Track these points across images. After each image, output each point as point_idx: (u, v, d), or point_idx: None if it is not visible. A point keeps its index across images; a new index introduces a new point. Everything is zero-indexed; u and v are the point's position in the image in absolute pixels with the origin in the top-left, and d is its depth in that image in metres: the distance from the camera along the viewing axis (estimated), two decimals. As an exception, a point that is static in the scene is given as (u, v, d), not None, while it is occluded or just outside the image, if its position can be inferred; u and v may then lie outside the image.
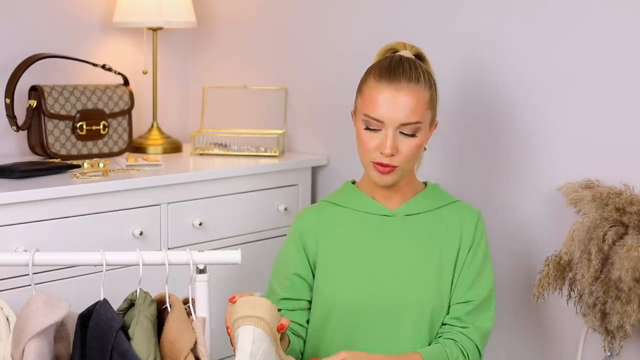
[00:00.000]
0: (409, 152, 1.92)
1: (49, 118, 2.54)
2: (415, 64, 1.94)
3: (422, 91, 1.91)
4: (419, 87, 1.90)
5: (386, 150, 1.89)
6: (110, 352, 1.64)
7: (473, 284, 2.00)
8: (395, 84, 1.89)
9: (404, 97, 1.89)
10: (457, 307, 1.99)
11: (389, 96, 1.89)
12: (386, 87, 1.89)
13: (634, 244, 1.98)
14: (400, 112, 1.88)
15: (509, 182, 2.41)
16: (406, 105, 1.89)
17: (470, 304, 1.99)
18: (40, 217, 2.14)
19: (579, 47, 2.27)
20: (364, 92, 1.94)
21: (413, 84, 1.90)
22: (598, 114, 2.25)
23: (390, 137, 1.89)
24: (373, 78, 1.93)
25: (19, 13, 2.62)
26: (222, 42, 3.02)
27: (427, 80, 1.93)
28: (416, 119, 1.90)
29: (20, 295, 1.89)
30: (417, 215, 2.02)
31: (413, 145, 1.92)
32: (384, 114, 1.89)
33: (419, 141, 1.93)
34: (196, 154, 2.77)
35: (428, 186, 2.08)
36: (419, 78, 1.91)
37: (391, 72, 1.91)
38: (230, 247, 2.49)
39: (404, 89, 1.89)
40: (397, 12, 2.59)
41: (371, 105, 1.91)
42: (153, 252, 1.78)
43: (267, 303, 1.72)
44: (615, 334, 2.10)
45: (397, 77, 1.90)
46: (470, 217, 2.03)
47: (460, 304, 1.99)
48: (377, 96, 1.90)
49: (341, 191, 2.10)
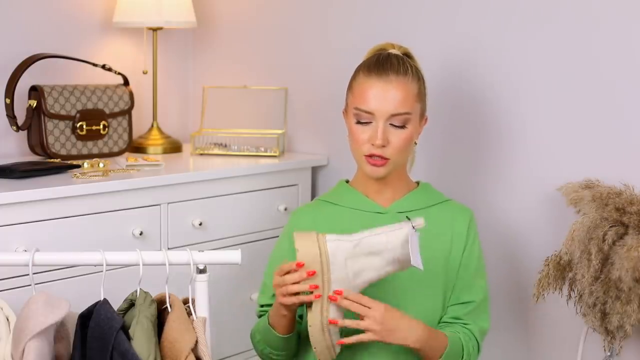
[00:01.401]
0: (399, 143, 1.95)
1: (49, 118, 2.54)
2: (402, 59, 1.99)
3: (410, 84, 1.96)
4: (407, 79, 1.96)
5: (377, 141, 1.93)
6: (110, 352, 1.64)
7: (471, 285, 2.00)
8: (384, 77, 1.95)
9: (393, 90, 1.94)
10: (456, 308, 2.00)
11: (378, 89, 1.94)
12: (375, 81, 1.95)
13: (634, 244, 1.99)
14: (390, 104, 1.93)
15: (509, 182, 2.41)
16: (395, 96, 1.94)
17: (469, 305, 2.00)
18: (40, 217, 2.14)
19: (579, 47, 2.27)
20: (354, 88, 1.99)
21: (401, 76, 1.95)
22: (598, 113, 2.25)
23: (380, 128, 1.93)
24: (362, 73, 1.98)
25: (19, 13, 2.62)
26: (222, 42, 3.02)
27: (415, 74, 1.98)
28: (405, 109, 1.95)
29: (20, 295, 1.89)
30: (409, 212, 2.02)
31: (403, 136, 1.95)
32: (374, 105, 1.94)
33: (409, 133, 1.96)
34: (196, 154, 2.77)
35: (420, 185, 2.10)
36: (407, 71, 1.96)
37: (379, 67, 1.96)
38: (230, 247, 2.49)
39: (393, 81, 1.94)
40: (398, 12, 2.59)
41: (361, 98, 1.96)
42: (153, 252, 1.79)
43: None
44: (615, 334, 2.10)
45: (385, 70, 1.95)
46: (462, 217, 2.04)
47: (460, 305, 2.00)
48: (367, 90, 1.95)
49: (335, 190, 2.12)
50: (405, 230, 1.80)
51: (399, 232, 1.81)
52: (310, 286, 1.81)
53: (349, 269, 1.82)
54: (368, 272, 1.82)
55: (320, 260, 1.81)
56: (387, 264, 1.82)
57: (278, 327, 1.94)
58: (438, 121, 2.44)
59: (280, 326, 1.94)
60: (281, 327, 1.94)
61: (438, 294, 1.99)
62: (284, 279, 1.83)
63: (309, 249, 1.81)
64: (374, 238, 1.82)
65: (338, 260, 1.81)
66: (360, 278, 1.83)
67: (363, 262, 1.82)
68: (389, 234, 1.81)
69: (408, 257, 1.80)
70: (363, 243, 1.82)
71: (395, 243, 1.81)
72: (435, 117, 2.36)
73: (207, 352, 1.72)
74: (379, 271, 1.83)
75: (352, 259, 1.82)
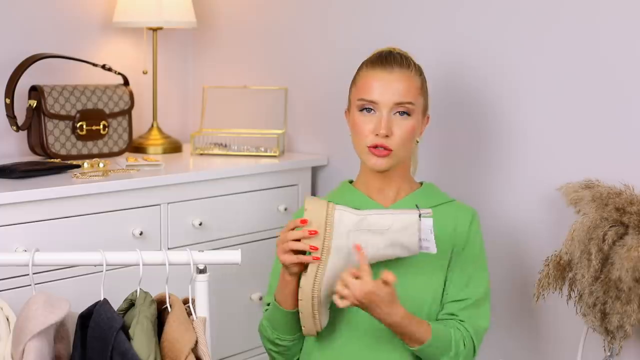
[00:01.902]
0: (403, 134, 1.97)
1: (49, 118, 2.54)
2: (405, 55, 2.04)
3: (413, 77, 2.00)
4: (410, 72, 2.00)
5: (381, 131, 1.95)
6: (110, 352, 1.64)
7: (468, 283, 2.00)
8: (388, 69, 1.99)
9: (396, 81, 1.98)
10: (451, 305, 1.99)
11: (382, 79, 1.98)
12: (380, 72, 1.99)
13: (634, 244, 1.99)
14: (394, 93, 1.97)
15: (509, 182, 2.41)
16: (399, 86, 1.97)
17: (464, 302, 1.99)
18: (40, 217, 2.14)
19: (579, 47, 2.27)
20: (358, 82, 2.03)
21: (405, 69, 2.00)
22: (598, 113, 2.25)
23: (384, 117, 1.96)
24: (366, 67, 2.03)
25: (18, 13, 2.62)
26: (222, 42, 3.02)
27: (418, 69, 2.03)
28: (409, 99, 1.98)
29: (20, 295, 1.89)
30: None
31: (407, 127, 1.97)
32: (378, 95, 1.97)
33: (412, 124, 1.98)
34: (196, 154, 2.77)
35: (424, 185, 2.10)
36: (410, 65, 2.01)
37: (383, 60, 2.01)
38: (230, 247, 2.49)
39: (396, 72, 1.99)
40: (398, 12, 2.59)
41: (365, 89, 1.99)
42: (153, 252, 1.78)
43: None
44: (615, 334, 2.10)
45: (389, 62, 2.00)
46: (464, 216, 2.04)
47: (455, 302, 1.99)
48: (371, 80, 1.99)
49: (338, 190, 2.12)
50: (410, 216, 1.86)
51: (403, 217, 1.86)
52: (310, 246, 1.86)
53: (350, 240, 1.86)
54: (368, 248, 1.86)
55: (324, 223, 1.86)
56: (388, 245, 1.87)
57: (283, 301, 1.96)
58: (438, 121, 2.44)
59: (285, 299, 1.95)
60: (286, 299, 1.95)
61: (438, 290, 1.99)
62: (286, 235, 1.88)
63: (316, 211, 1.87)
64: (379, 217, 1.87)
65: (341, 229, 1.86)
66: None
67: (365, 238, 1.86)
68: (394, 216, 1.87)
69: (415, 243, 1.86)
70: (368, 220, 1.87)
71: (397, 226, 1.86)
72: (435, 117, 2.36)
73: (207, 352, 1.72)
74: (379, 250, 1.87)
75: (354, 232, 1.86)
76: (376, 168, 1.99)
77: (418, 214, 1.86)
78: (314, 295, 1.87)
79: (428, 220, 1.86)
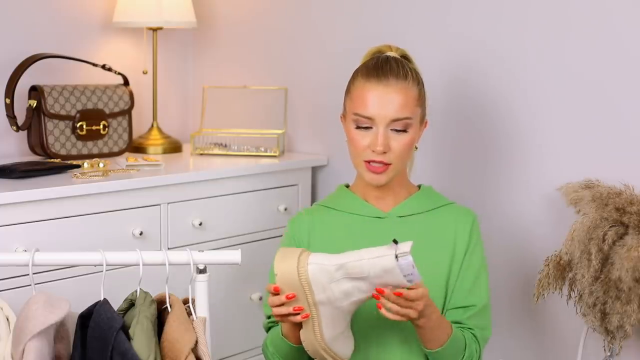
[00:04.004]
0: (400, 148, 1.92)
1: (49, 118, 2.54)
2: (401, 62, 1.96)
3: (410, 88, 1.93)
4: (407, 83, 1.92)
5: (378, 147, 1.90)
6: (110, 352, 1.64)
7: (473, 288, 1.97)
8: (383, 82, 1.91)
9: (393, 94, 1.90)
10: (457, 312, 1.96)
11: (378, 93, 1.91)
12: (375, 85, 1.91)
13: (634, 244, 1.99)
14: (390, 109, 1.90)
15: (509, 182, 2.41)
16: (395, 101, 1.90)
17: (471, 308, 1.96)
18: (40, 217, 2.14)
19: (579, 47, 2.27)
20: (353, 93, 1.96)
21: (401, 80, 1.92)
22: (598, 114, 2.25)
23: (381, 133, 1.90)
24: (361, 77, 1.95)
25: (19, 13, 2.62)
26: (222, 42, 3.02)
27: (415, 78, 1.95)
28: (406, 114, 1.91)
29: (20, 295, 1.89)
30: (410, 217, 2.01)
31: (404, 141, 1.92)
32: (374, 111, 1.90)
33: (410, 138, 1.93)
34: (196, 154, 2.77)
35: (421, 188, 2.07)
36: (407, 75, 1.93)
37: (379, 70, 1.93)
38: (230, 247, 2.49)
39: (392, 85, 1.91)
40: (398, 13, 2.59)
41: (360, 103, 1.92)
42: (153, 252, 1.78)
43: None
44: (615, 334, 2.10)
45: (385, 74, 1.92)
46: (465, 220, 2.01)
47: (461, 309, 1.96)
48: (366, 94, 1.92)
49: (335, 195, 2.09)
50: (388, 259, 1.72)
51: (381, 260, 1.73)
52: (294, 308, 1.77)
53: (334, 291, 1.77)
54: (357, 294, 1.77)
55: (300, 285, 1.76)
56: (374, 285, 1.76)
57: (291, 338, 1.90)
58: (438, 121, 2.44)
59: (292, 336, 1.89)
60: (294, 337, 1.89)
61: (440, 296, 1.97)
62: (271, 301, 1.80)
63: (287, 273, 1.77)
64: (357, 264, 1.75)
65: (320, 283, 1.76)
66: (351, 299, 1.78)
67: (350, 286, 1.76)
68: (372, 261, 1.74)
69: (401, 282, 1.74)
70: (346, 267, 1.76)
71: (377, 271, 1.74)
72: (435, 118, 2.36)
73: (207, 352, 1.72)
74: (367, 293, 1.77)
75: (335, 283, 1.77)
76: (374, 183, 1.95)
77: (394, 255, 1.71)
78: (318, 345, 1.80)
79: (405, 259, 1.71)
